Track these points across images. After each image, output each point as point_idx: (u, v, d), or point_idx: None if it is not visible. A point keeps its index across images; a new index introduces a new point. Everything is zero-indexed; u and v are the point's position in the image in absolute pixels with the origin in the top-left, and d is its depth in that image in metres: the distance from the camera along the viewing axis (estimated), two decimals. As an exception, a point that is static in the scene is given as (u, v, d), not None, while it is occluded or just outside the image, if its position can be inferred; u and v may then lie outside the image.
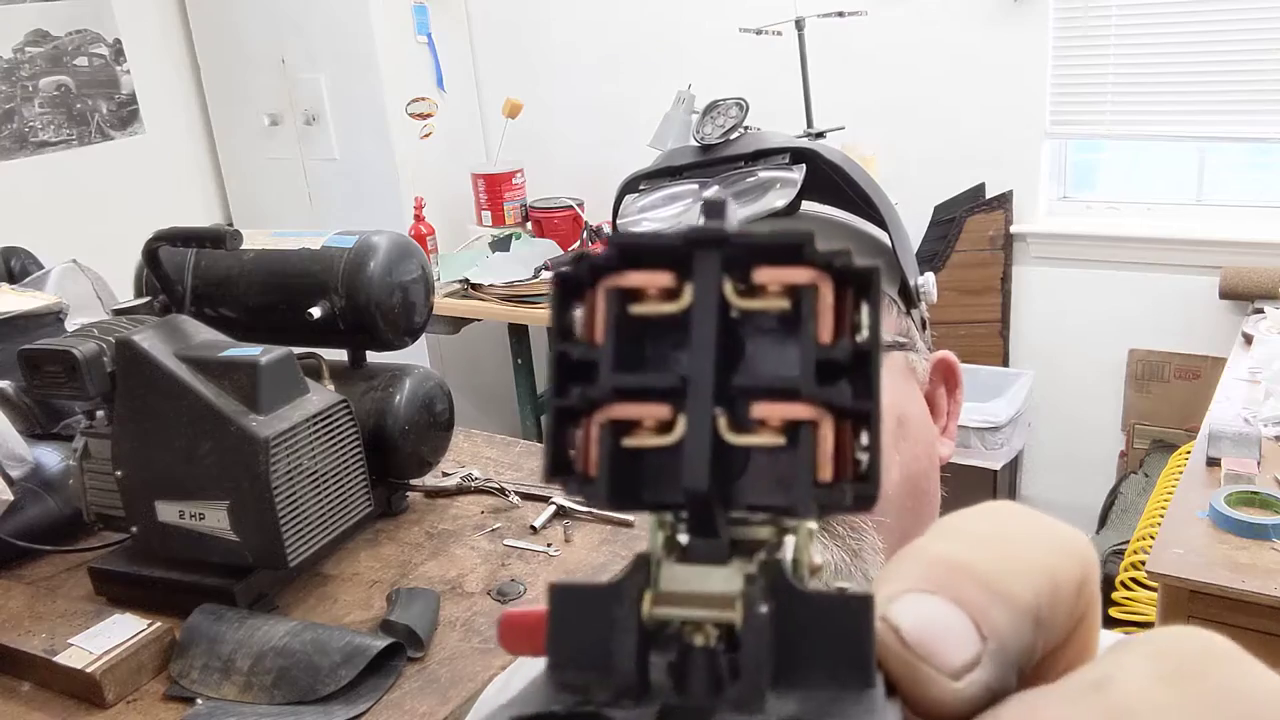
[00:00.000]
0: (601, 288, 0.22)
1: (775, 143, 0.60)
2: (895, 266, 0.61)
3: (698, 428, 0.21)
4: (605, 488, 0.21)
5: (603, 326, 0.22)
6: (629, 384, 0.22)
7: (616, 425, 0.22)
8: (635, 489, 0.22)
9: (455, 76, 3.64)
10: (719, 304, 0.21)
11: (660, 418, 0.22)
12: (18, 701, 1.15)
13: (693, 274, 0.22)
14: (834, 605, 0.20)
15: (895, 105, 3.02)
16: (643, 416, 0.22)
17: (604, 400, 0.22)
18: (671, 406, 0.21)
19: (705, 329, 0.21)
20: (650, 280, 0.22)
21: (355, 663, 1.10)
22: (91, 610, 1.24)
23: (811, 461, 0.21)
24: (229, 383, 1.17)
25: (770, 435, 0.21)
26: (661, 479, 0.22)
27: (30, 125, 3.32)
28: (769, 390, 0.21)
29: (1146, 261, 2.85)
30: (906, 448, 0.57)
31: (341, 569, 1.35)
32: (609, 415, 0.22)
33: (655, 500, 0.22)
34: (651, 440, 0.22)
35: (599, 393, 0.22)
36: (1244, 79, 2.62)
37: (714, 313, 0.21)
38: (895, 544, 0.56)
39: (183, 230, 1.36)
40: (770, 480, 0.21)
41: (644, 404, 0.22)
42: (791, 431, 0.21)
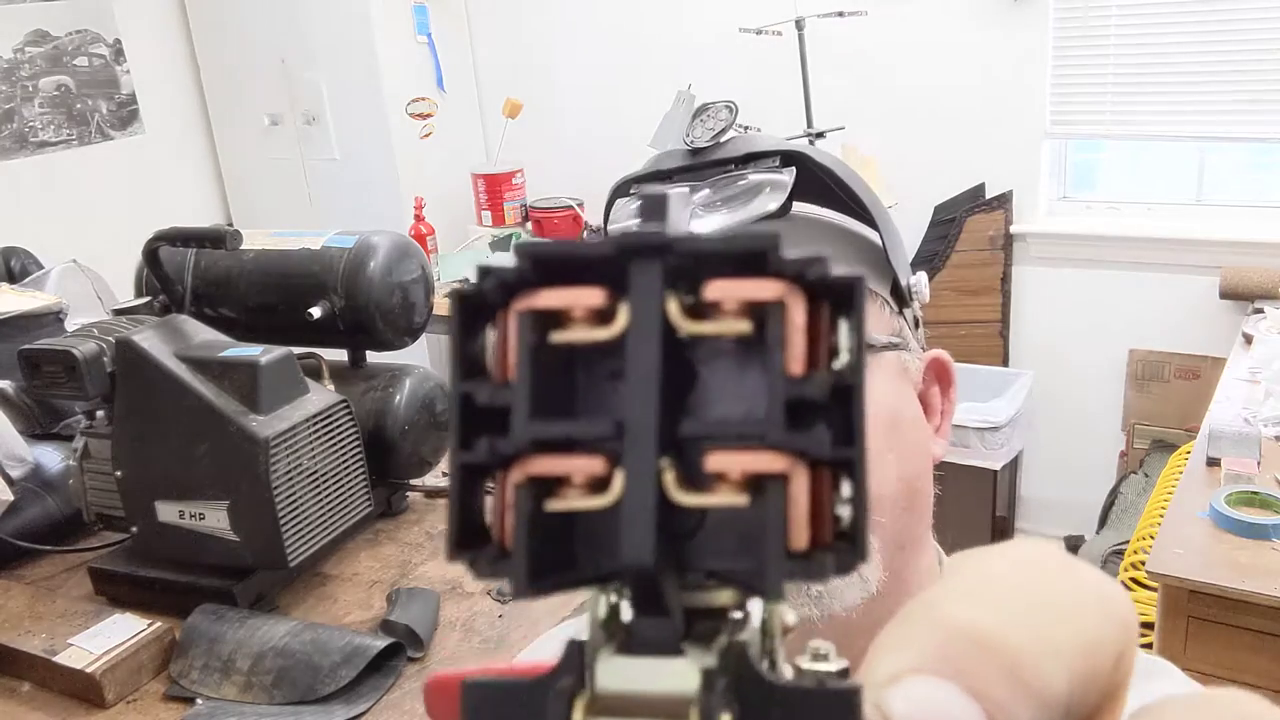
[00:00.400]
0: (512, 311, 0.17)
1: (765, 145, 0.59)
2: (886, 266, 0.61)
3: (639, 487, 0.16)
4: (523, 566, 0.17)
5: (516, 362, 0.17)
6: (550, 434, 0.17)
7: (538, 484, 0.17)
8: (565, 563, 0.17)
9: (455, 76, 3.64)
10: (662, 328, 0.17)
11: (593, 473, 0.17)
12: (18, 701, 1.15)
13: (628, 290, 0.17)
14: (813, 701, 0.16)
15: (895, 105, 3.02)
16: (570, 472, 0.17)
17: (520, 454, 0.17)
18: (606, 458, 0.17)
19: (646, 362, 0.17)
20: (575, 299, 0.17)
21: (355, 663, 1.10)
22: (91, 610, 1.24)
23: (782, 527, 0.16)
24: (229, 383, 1.17)
25: (730, 493, 0.17)
26: (599, 545, 0.17)
27: (30, 125, 3.32)
28: (728, 437, 0.17)
29: (1146, 261, 2.85)
30: (900, 449, 0.57)
31: (341, 569, 1.35)
32: (527, 472, 0.17)
33: (591, 575, 0.17)
34: (582, 502, 0.17)
35: (513, 446, 0.17)
36: (1244, 79, 2.62)
37: (656, 340, 0.17)
38: (890, 546, 0.56)
39: (183, 230, 1.36)
40: (733, 538, 0.17)
41: (571, 457, 0.17)
42: (757, 487, 0.17)
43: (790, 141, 0.61)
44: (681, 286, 0.17)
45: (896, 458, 0.57)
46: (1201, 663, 1.61)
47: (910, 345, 0.62)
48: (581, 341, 0.17)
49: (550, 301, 0.17)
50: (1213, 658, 1.62)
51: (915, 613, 0.17)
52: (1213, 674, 1.60)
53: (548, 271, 0.17)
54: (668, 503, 0.17)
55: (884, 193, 2.99)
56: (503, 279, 0.18)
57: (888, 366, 0.59)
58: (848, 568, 0.17)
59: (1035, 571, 0.18)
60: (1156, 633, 1.68)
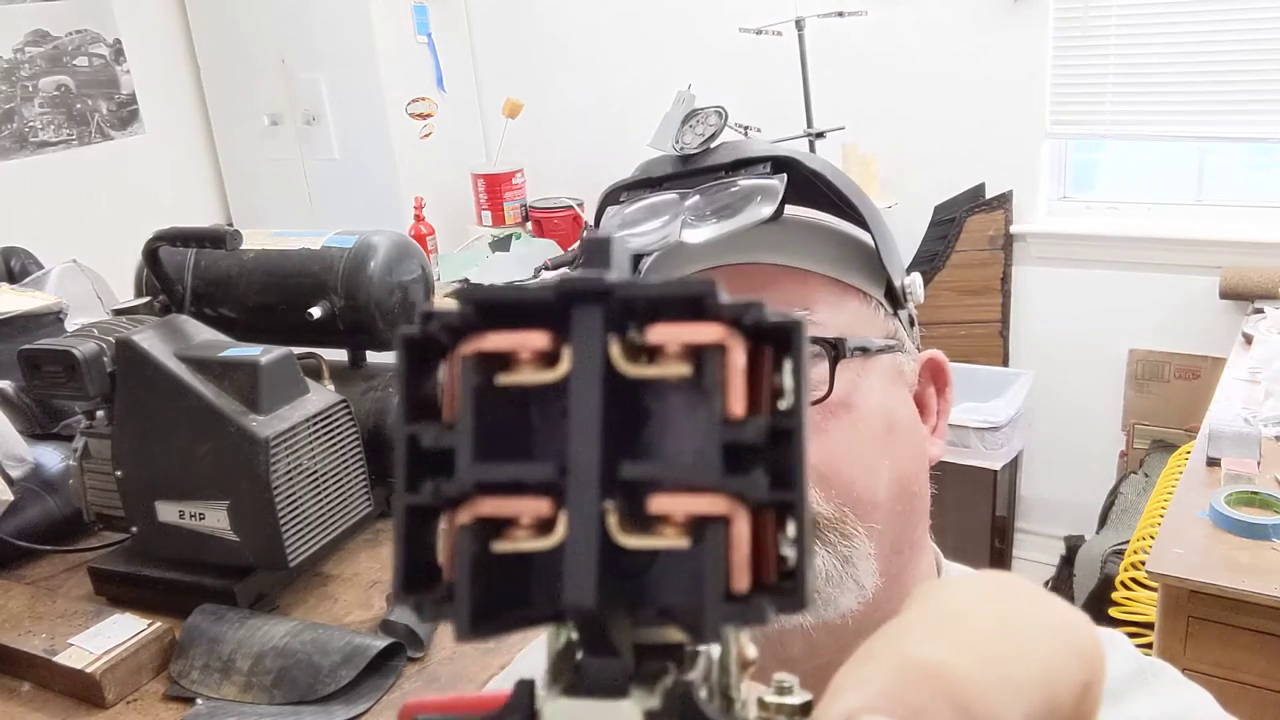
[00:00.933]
0: (456, 355, 0.18)
1: (755, 151, 0.59)
2: (880, 267, 0.61)
3: (581, 529, 0.16)
4: (466, 609, 0.17)
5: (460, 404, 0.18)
6: (494, 476, 0.17)
7: (484, 524, 0.17)
8: (515, 599, 0.17)
9: (455, 76, 3.63)
10: (604, 371, 0.17)
11: (538, 514, 0.17)
12: (18, 701, 1.15)
13: (571, 334, 0.17)
14: None
15: (895, 105, 3.02)
16: (516, 513, 0.17)
17: (465, 496, 0.17)
18: (552, 499, 0.17)
19: (588, 405, 0.17)
20: (520, 342, 0.17)
21: (355, 663, 1.10)
22: (91, 610, 1.24)
23: (722, 569, 0.16)
24: (229, 383, 1.17)
25: (674, 535, 0.17)
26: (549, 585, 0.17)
27: (30, 125, 3.32)
28: (670, 480, 0.17)
29: (1146, 261, 2.85)
30: (896, 452, 0.57)
31: (341, 569, 1.35)
32: (473, 513, 0.17)
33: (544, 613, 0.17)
34: (527, 544, 0.17)
35: (457, 488, 0.17)
36: (1244, 79, 2.62)
37: (598, 383, 0.17)
38: (887, 549, 0.56)
39: (183, 230, 1.36)
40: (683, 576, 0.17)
41: (517, 498, 0.17)
42: (699, 530, 0.17)
43: (780, 145, 0.61)
44: (625, 330, 0.17)
45: (892, 461, 0.56)
46: (1201, 663, 1.61)
47: (905, 346, 0.61)
48: (528, 384, 0.18)
49: (496, 344, 0.17)
50: (1212, 658, 1.62)
51: (875, 648, 0.17)
52: (1213, 674, 1.60)
53: (493, 315, 0.18)
54: (612, 544, 0.17)
55: (884, 193, 2.99)
56: (447, 323, 0.18)
57: (882, 369, 0.59)
58: (789, 610, 0.17)
59: (999, 605, 0.18)
60: (1156, 633, 1.68)
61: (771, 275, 0.57)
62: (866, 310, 0.60)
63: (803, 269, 0.58)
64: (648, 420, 0.18)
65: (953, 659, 0.16)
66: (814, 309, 0.56)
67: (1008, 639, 0.17)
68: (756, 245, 0.58)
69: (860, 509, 0.54)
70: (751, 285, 0.57)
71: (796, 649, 0.56)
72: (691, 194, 0.58)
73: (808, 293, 0.57)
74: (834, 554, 0.53)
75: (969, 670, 0.16)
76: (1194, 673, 0.80)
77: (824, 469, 0.54)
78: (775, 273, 0.57)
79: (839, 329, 0.56)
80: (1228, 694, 0.66)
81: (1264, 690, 1.58)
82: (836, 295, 0.58)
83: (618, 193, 0.62)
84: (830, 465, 0.54)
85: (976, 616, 0.18)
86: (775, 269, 0.58)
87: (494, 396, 0.18)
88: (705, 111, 0.62)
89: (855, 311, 0.59)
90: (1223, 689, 0.92)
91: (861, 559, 0.54)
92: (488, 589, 0.17)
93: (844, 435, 0.55)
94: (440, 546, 0.18)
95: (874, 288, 0.61)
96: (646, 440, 0.18)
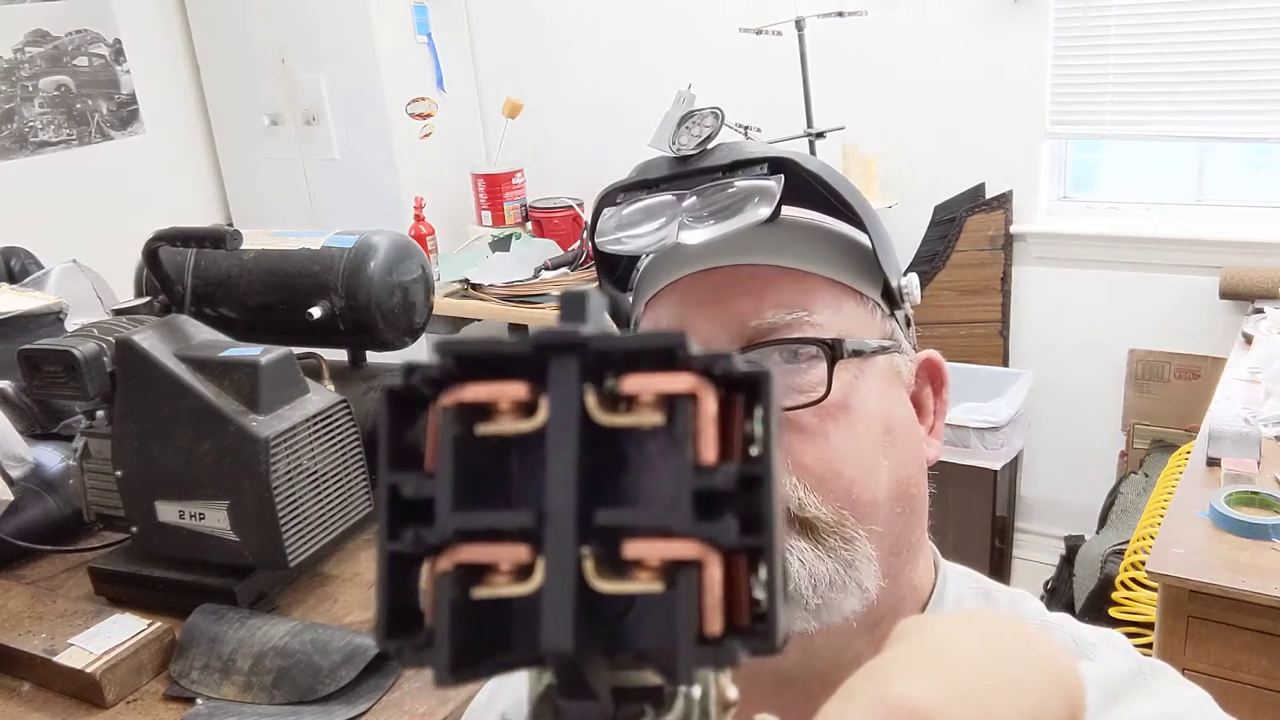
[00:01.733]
0: (437, 406, 0.18)
1: (752, 152, 0.59)
2: (877, 268, 0.61)
3: (558, 575, 0.17)
4: (445, 655, 0.17)
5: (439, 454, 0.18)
6: (473, 524, 0.18)
7: (465, 570, 0.18)
8: (495, 643, 0.18)
9: (455, 76, 3.64)
10: (580, 421, 0.18)
11: (517, 560, 0.18)
12: (18, 701, 1.15)
13: (548, 385, 0.18)
14: None
15: (895, 105, 3.02)
16: (496, 560, 0.18)
17: (445, 544, 0.18)
18: (531, 546, 0.17)
19: (564, 454, 0.17)
20: (499, 393, 0.18)
21: (355, 663, 1.10)
22: (91, 610, 1.24)
23: (695, 613, 0.17)
24: (229, 383, 1.17)
25: (649, 579, 0.17)
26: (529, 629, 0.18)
27: (30, 125, 3.32)
28: (644, 526, 0.17)
29: (1146, 261, 2.85)
30: (894, 453, 0.57)
31: (342, 569, 1.35)
32: (454, 560, 0.18)
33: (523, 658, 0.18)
34: (507, 589, 0.18)
35: (437, 536, 0.18)
36: (1244, 79, 2.62)
37: (574, 432, 0.17)
38: (886, 551, 0.56)
39: (183, 230, 1.36)
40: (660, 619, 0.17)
41: (496, 545, 0.18)
42: (673, 574, 0.17)
43: (777, 146, 0.61)
44: (600, 381, 0.18)
45: (891, 463, 0.56)
46: (1201, 663, 1.61)
47: (902, 347, 0.61)
48: (506, 433, 0.18)
49: (475, 395, 0.18)
50: (1212, 658, 1.62)
51: (859, 686, 0.17)
52: (1212, 674, 1.60)
53: (473, 367, 0.18)
54: (589, 589, 0.17)
55: (884, 193, 2.99)
56: (428, 375, 0.18)
57: (880, 370, 0.59)
58: (761, 652, 0.17)
59: (984, 641, 0.18)
60: (1156, 633, 1.68)
61: (769, 276, 0.57)
62: (863, 311, 0.60)
63: (800, 270, 0.58)
64: (623, 468, 0.18)
65: (936, 698, 0.17)
66: (812, 310, 0.56)
67: (992, 675, 0.17)
68: (754, 246, 0.57)
69: (860, 512, 0.54)
70: (749, 286, 0.57)
71: (794, 657, 0.56)
72: (688, 195, 0.58)
73: (805, 294, 0.57)
74: (835, 558, 0.53)
75: (952, 709, 0.16)
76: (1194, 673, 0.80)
77: (823, 472, 0.53)
78: (772, 274, 0.57)
79: (836, 330, 0.56)
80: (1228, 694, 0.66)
81: (1264, 690, 1.58)
82: (834, 296, 0.58)
83: (614, 194, 0.62)
84: (830, 468, 0.54)
85: (961, 652, 0.18)
86: (772, 270, 0.57)
87: (473, 446, 0.18)
88: (702, 113, 0.62)
89: (852, 313, 0.59)
90: (1223, 689, 0.92)
91: (863, 562, 0.54)
92: (468, 634, 0.18)
93: (843, 437, 0.55)
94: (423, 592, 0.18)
95: (871, 288, 0.61)
96: (621, 487, 0.18)
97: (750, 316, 0.56)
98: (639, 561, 0.17)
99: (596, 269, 0.67)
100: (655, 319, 0.60)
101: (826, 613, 0.53)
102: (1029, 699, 0.17)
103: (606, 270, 0.67)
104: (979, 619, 0.19)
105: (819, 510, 0.53)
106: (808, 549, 0.52)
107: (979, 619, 0.19)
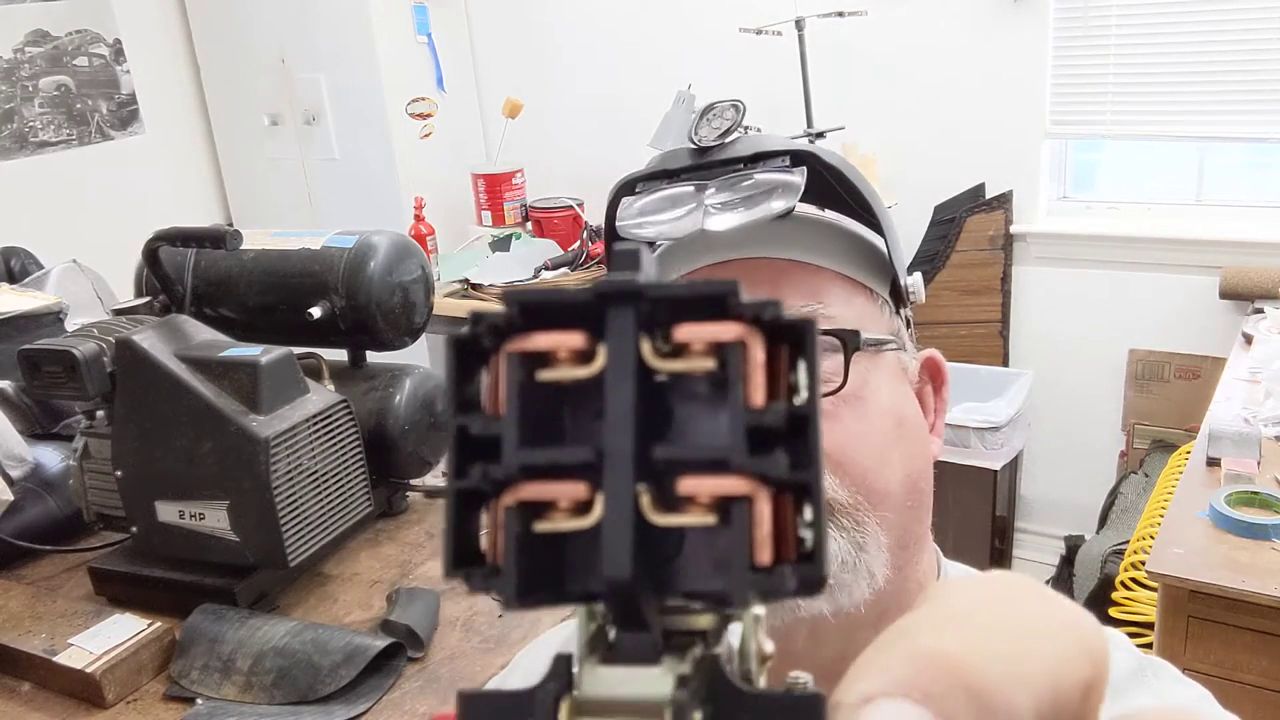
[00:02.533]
0: (503, 352, 0.20)
1: (773, 145, 0.59)
2: (886, 267, 0.61)
3: (617, 508, 0.18)
4: (513, 581, 0.19)
5: (505, 396, 0.19)
6: (537, 460, 0.19)
7: (526, 508, 0.19)
8: (553, 580, 0.19)
9: (455, 76, 3.64)
10: (636, 366, 0.19)
11: (576, 497, 0.19)
12: (18, 701, 1.15)
13: (606, 333, 0.19)
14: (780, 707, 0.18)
15: (895, 105, 3.02)
16: (556, 497, 0.19)
17: (510, 480, 0.19)
18: (589, 484, 0.19)
19: (622, 395, 0.19)
20: (559, 341, 0.19)
21: (355, 663, 1.10)
22: (91, 610, 1.24)
23: (747, 543, 0.18)
24: (229, 383, 1.17)
25: (701, 514, 0.19)
26: (584, 566, 0.19)
27: (30, 125, 3.32)
28: (696, 462, 0.19)
29: (1146, 261, 2.85)
30: (905, 447, 0.57)
31: (342, 569, 1.35)
32: (517, 497, 0.19)
33: (578, 591, 0.19)
34: (567, 524, 0.19)
35: (504, 471, 0.19)
36: (1244, 79, 2.62)
37: (631, 376, 0.19)
38: (895, 542, 0.56)
39: (183, 230, 1.36)
40: (708, 562, 0.19)
41: (557, 482, 0.19)
42: (725, 509, 0.18)
43: (795, 141, 0.61)
44: (655, 330, 0.19)
45: (902, 456, 0.57)
46: (1201, 663, 1.61)
47: (907, 345, 0.62)
48: (566, 380, 0.19)
49: (537, 344, 0.19)
50: (1213, 658, 1.62)
51: (891, 640, 0.18)
52: (1213, 674, 1.60)
53: (534, 317, 0.20)
54: (645, 524, 0.18)
55: (884, 193, 2.99)
56: (493, 324, 0.20)
57: (889, 365, 0.59)
58: (810, 582, 0.18)
59: (1009, 603, 0.19)
60: (1156, 633, 1.68)
61: (784, 269, 0.58)
62: (873, 308, 0.60)
63: (815, 264, 0.58)
64: (675, 411, 0.20)
65: (970, 653, 0.17)
66: (826, 303, 0.57)
67: (1017, 636, 0.18)
68: (771, 240, 0.58)
69: (874, 498, 0.55)
70: (765, 279, 0.57)
71: (801, 643, 0.56)
72: (709, 185, 0.58)
73: (819, 287, 0.58)
74: (849, 539, 0.53)
75: (985, 666, 0.17)
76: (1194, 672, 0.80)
77: (839, 456, 0.54)
78: (788, 267, 0.58)
79: (849, 324, 0.57)
80: (1228, 694, 0.66)
81: (1264, 690, 1.58)
82: (847, 291, 0.59)
83: (633, 184, 0.62)
84: (845, 453, 0.54)
85: (986, 614, 0.18)
86: (788, 264, 0.58)
87: (535, 391, 0.19)
88: (722, 105, 0.62)
89: (863, 308, 0.59)
90: (1223, 689, 0.92)
91: (874, 547, 0.54)
92: (530, 567, 0.19)
93: (858, 426, 0.55)
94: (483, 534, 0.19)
95: (880, 285, 0.61)
96: (675, 429, 0.20)
97: None
98: (691, 498, 0.19)
99: (606, 258, 0.67)
100: None
101: (839, 594, 0.53)
102: (1055, 658, 0.18)
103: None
104: (1002, 582, 0.20)
105: (836, 492, 0.53)
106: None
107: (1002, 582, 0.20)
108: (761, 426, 0.19)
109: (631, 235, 0.59)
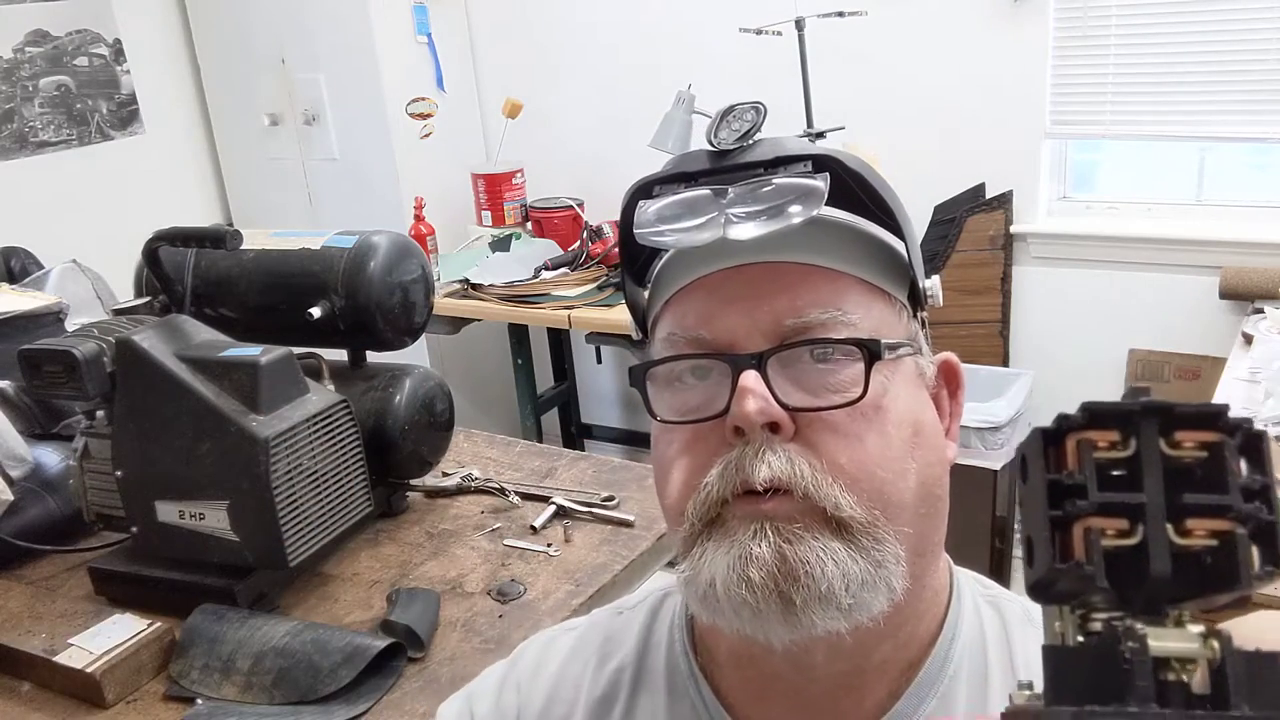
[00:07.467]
0: (1072, 439, 0.33)
1: (794, 149, 0.58)
2: (905, 271, 0.61)
3: (1157, 532, 0.31)
4: (1101, 573, 0.31)
5: (1082, 462, 0.33)
6: (1110, 500, 0.32)
7: (1095, 532, 0.32)
8: (1116, 578, 0.31)
9: (455, 76, 3.64)
10: (1159, 451, 0.32)
11: (1120, 528, 0.32)
12: (18, 701, 1.15)
13: (1139, 433, 0.32)
14: (1265, 657, 0.30)
15: (895, 105, 3.02)
16: (1109, 527, 0.32)
17: (1087, 513, 0.32)
18: (1128, 519, 0.32)
19: (1153, 467, 0.32)
20: (1103, 436, 0.33)
21: (355, 663, 1.10)
22: (91, 610, 1.24)
23: (1249, 554, 0.31)
24: (229, 383, 1.17)
25: (1203, 541, 0.31)
26: (1122, 581, 0.31)
27: (30, 125, 3.32)
28: (1204, 508, 0.31)
29: (1146, 261, 2.85)
30: (921, 455, 0.57)
31: (341, 569, 1.35)
32: (1086, 525, 0.32)
33: (1118, 595, 0.32)
34: (1115, 543, 0.32)
35: (1088, 507, 0.32)
36: (1244, 79, 2.62)
37: (1157, 458, 0.32)
38: (912, 551, 0.55)
39: (183, 230, 1.36)
40: (1195, 578, 0.31)
41: (1110, 518, 0.32)
42: (1221, 539, 0.31)
43: (817, 146, 0.60)
44: (1169, 429, 0.33)
45: (918, 464, 0.56)
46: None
47: (923, 349, 0.62)
48: (1112, 458, 0.33)
49: (1091, 436, 0.33)
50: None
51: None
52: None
53: (1091, 418, 0.33)
54: (1172, 545, 0.31)
55: (884, 193, 2.99)
56: (1072, 422, 0.33)
57: (907, 372, 0.59)
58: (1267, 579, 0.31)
59: None
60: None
61: (805, 274, 0.57)
62: (891, 312, 0.59)
63: (835, 269, 0.58)
64: (1180, 480, 0.32)
65: None
66: (846, 309, 0.56)
67: None
68: (788, 244, 0.57)
69: (891, 512, 0.54)
70: (784, 283, 0.56)
71: (820, 655, 0.56)
72: (728, 191, 0.57)
73: (838, 293, 0.57)
74: (868, 559, 0.53)
75: None
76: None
77: (856, 472, 0.53)
78: (807, 272, 0.57)
79: (869, 330, 0.56)
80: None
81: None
82: (865, 296, 0.58)
83: (649, 186, 0.61)
84: (863, 469, 0.54)
85: None
86: (806, 268, 0.57)
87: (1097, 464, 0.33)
88: (742, 107, 0.61)
89: (882, 314, 0.59)
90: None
91: (892, 562, 0.54)
92: (1109, 566, 0.31)
93: (876, 438, 0.55)
94: (1071, 544, 0.33)
95: (899, 289, 0.60)
96: (1182, 487, 0.32)
97: (786, 315, 0.55)
98: (1192, 531, 0.31)
99: (622, 259, 0.66)
100: (681, 315, 0.59)
101: (858, 612, 0.53)
102: None
103: (626, 262, 0.66)
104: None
105: (854, 510, 0.53)
106: (841, 549, 0.52)
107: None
108: (1248, 488, 0.31)
109: (649, 242, 0.58)
